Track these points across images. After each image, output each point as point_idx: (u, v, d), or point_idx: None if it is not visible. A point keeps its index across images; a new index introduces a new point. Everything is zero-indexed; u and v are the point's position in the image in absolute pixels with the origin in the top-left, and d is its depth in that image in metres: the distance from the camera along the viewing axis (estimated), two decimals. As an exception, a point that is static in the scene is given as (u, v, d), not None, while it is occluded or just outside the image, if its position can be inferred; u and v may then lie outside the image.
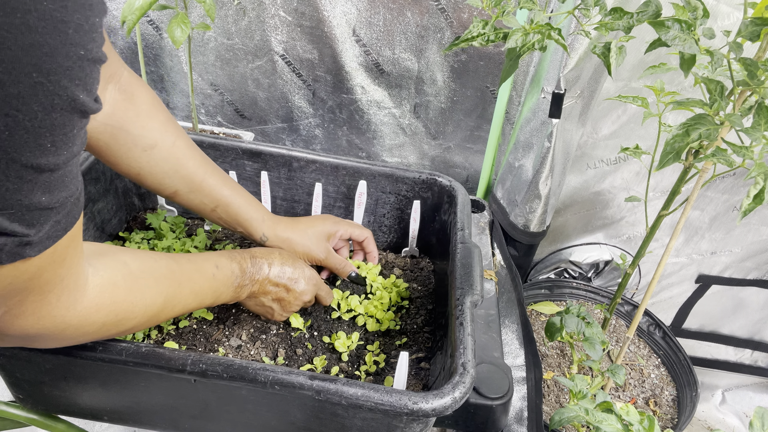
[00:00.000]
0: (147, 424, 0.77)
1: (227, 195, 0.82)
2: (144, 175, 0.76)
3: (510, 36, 0.69)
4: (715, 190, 1.42)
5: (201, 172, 0.80)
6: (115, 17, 1.47)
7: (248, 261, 0.75)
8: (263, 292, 0.78)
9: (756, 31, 0.67)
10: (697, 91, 1.20)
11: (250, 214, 0.84)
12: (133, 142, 0.73)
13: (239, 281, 0.73)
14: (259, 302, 0.79)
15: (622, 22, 0.70)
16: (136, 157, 0.74)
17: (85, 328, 0.54)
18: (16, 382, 0.73)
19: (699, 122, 0.72)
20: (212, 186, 0.81)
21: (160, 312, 0.62)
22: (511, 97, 1.40)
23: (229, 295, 0.73)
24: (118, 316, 0.56)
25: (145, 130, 0.74)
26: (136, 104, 0.73)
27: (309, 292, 0.82)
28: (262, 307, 0.80)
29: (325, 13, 1.37)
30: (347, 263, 0.93)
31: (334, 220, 0.93)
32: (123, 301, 0.56)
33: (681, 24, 0.67)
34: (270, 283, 0.78)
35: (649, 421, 0.72)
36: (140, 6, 0.99)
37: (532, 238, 1.42)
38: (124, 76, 0.72)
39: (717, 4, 1.12)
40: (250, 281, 0.75)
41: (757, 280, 1.57)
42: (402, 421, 0.64)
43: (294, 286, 0.80)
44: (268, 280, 0.77)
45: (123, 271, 0.57)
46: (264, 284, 0.77)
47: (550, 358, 1.27)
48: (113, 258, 0.57)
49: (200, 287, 0.68)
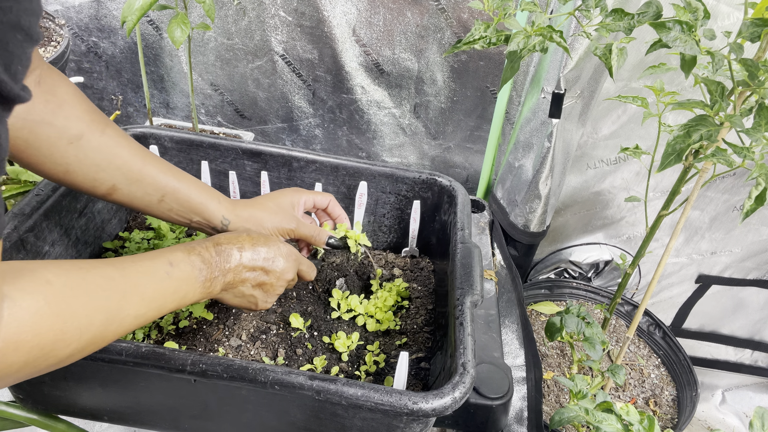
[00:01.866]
0: (147, 424, 0.77)
1: (174, 182, 0.74)
2: (73, 172, 0.67)
3: (512, 39, 0.69)
4: (715, 190, 1.42)
5: (138, 160, 0.72)
6: (115, 17, 1.47)
7: (212, 250, 0.66)
8: (240, 280, 0.69)
9: (756, 31, 0.67)
10: (697, 91, 1.20)
11: (203, 198, 0.76)
12: (57, 135, 0.65)
13: (206, 275, 0.64)
14: (239, 293, 0.71)
15: (622, 24, 0.70)
16: (62, 152, 0.66)
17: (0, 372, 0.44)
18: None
19: (700, 123, 0.72)
20: (154, 174, 0.73)
21: (104, 332, 0.52)
22: (511, 97, 1.40)
23: (197, 293, 0.64)
24: (45, 349, 0.46)
25: (70, 120, 0.66)
26: (57, 95, 0.66)
27: (290, 269, 0.74)
28: (242, 297, 0.72)
29: (325, 13, 1.37)
30: (321, 230, 0.85)
31: (293, 190, 0.85)
32: (49, 330, 0.46)
33: (682, 25, 0.67)
34: (245, 269, 0.69)
35: (649, 421, 0.72)
36: (140, 6, 0.99)
37: (532, 238, 1.42)
38: (41, 68, 0.65)
39: (717, 5, 1.12)
40: (221, 272, 0.66)
41: (757, 280, 1.57)
42: (402, 421, 0.64)
43: (273, 266, 0.71)
44: (242, 266, 0.68)
45: (46, 293, 0.46)
46: (239, 272, 0.68)
47: (550, 358, 1.27)
48: (32, 278, 0.46)
49: (153, 292, 0.58)
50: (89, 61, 1.56)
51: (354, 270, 0.99)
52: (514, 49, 0.69)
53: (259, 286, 0.72)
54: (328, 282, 0.96)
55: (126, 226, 1.01)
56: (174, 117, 1.65)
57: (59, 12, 1.47)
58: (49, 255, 0.81)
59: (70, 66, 1.56)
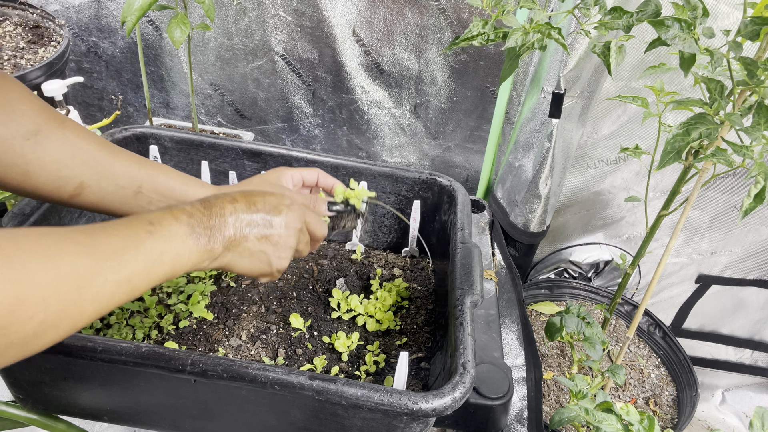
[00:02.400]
0: (147, 424, 0.77)
1: (149, 170, 0.67)
2: (33, 173, 0.60)
3: (510, 35, 0.69)
4: (715, 190, 1.42)
5: (107, 152, 0.65)
6: (115, 17, 1.47)
7: (198, 206, 0.58)
8: (242, 236, 0.60)
9: (756, 30, 0.67)
10: (697, 91, 1.20)
11: (184, 184, 0.69)
12: (11, 134, 0.59)
13: (198, 232, 0.56)
14: (245, 251, 0.61)
15: (621, 22, 0.70)
16: (18, 150, 0.59)
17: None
18: (16, 382, 0.73)
19: (699, 122, 0.72)
20: (127, 164, 0.66)
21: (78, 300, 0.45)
22: (511, 97, 1.40)
23: (193, 253, 0.55)
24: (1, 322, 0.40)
25: (24, 116, 0.60)
26: (6, 97, 0.60)
27: (296, 217, 0.65)
28: (252, 257, 0.62)
29: (325, 13, 1.37)
30: (317, 197, 0.78)
31: (278, 168, 0.78)
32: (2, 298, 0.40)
33: (681, 23, 0.67)
34: (244, 220, 0.60)
35: (649, 421, 0.72)
36: (140, 6, 0.99)
37: (532, 238, 1.42)
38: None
39: (717, 4, 1.12)
40: (217, 227, 0.58)
41: (757, 280, 1.57)
42: (402, 421, 0.64)
43: (275, 213, 0.62)
44: (239, 218, 0.60)
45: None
46: (238, 225, 0.60)
47: (550, 358, 1.27)
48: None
49: (135, 254, 0.50)
50: (89, 61, 1.57)
51: (354, 270, 0.99)
52: (513, 46, 0.69)
53: (266, 239, 0.62)
54: (328, 282, 0.96)
55: (126, 226, 1.01)
56: (174, 117, 1.65)
57: (59, 12, 1.47)
58: (49, 255, 0.80)
59: (70, 66, 1.56)
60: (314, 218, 0.70)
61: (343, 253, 1.02)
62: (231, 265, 0.61)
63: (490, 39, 0.71)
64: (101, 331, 0.82)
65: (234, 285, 0.93)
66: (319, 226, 0.71)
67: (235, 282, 0.94)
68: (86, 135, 0.64)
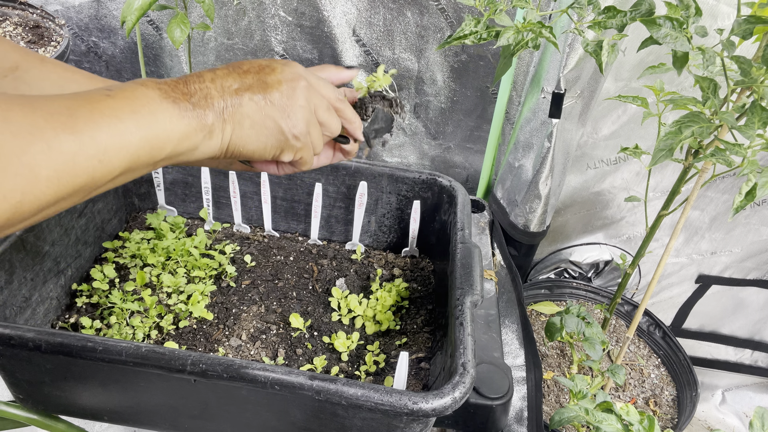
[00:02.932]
0: (147, 424, 0.77)
1: None
2: None
3: (502, 34, 0.69)
4: (715, 190, 1.42)
5: (97, 81, 0.60)
6: (115, 17, 1.47)
7: (170, 81, 0.49)
8: (236, 102, 0.51)
9: (749, 28, 0.67)
10: (697, 91, 1.20)
11: None
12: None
13: (177, 93, 0.47)
14: (246, 118, 0.51)
15: (615, 21, 0.70)
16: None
17: None
18: (16, 382, 0.73)
19: (692, 120, 0.72)
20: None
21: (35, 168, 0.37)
22: (511, 97, 1.40)
23: (180, 119, 0.47)
24: None
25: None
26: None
27: (296, 73, 0.55)
28: (256, 126, 0.52)
29: (325, 13, 1.37)
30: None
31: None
32: None
33: (673, 22, 0.67)
34: (232, 87, 0.51)
35: (649, 421, 0.72)
36: (140, 6, 0.99)
37: (532, 238, 1.42)
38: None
39: (717, 4, 1.12)
40: (201, 92, 0.49)
41: (757, 280, 1.57)
42: (402, 421, 0.64)
43: (269, 72, 0.54)
44: (224, 86, 0.51)
45: None
46: (226, 91, 0.50)
47: (550, 358, 1.27)
48: None
49: (97, 116, 0.42)
50: (89, 61, 1.56)
51: (354, 270, 0.99)
52: (505, 44, 0.69)
53: (266, 101, 0.52)
54: (328, 282, 0.96)
55: (126, 226, 1.01)
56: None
57: (59, 12, 1.47)
58: (49, 255, 0.81)
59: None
60: (325, 83, 0.58)
61: (343, 253, 1.02)
62: (238, 142, 0.52)
63: (483, 38, 0.71)
64: (101, 331, 0.83)
65: (234, 285, 0.93)
66: (329, 86, 0.59)
67: (235, 282, 0.94)
68: (69, 68, 0.60)
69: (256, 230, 1.05)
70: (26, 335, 0.63)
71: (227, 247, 0.98)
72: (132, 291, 0.88)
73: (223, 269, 0.94)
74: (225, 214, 1.04)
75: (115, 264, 0.92)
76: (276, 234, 1.04)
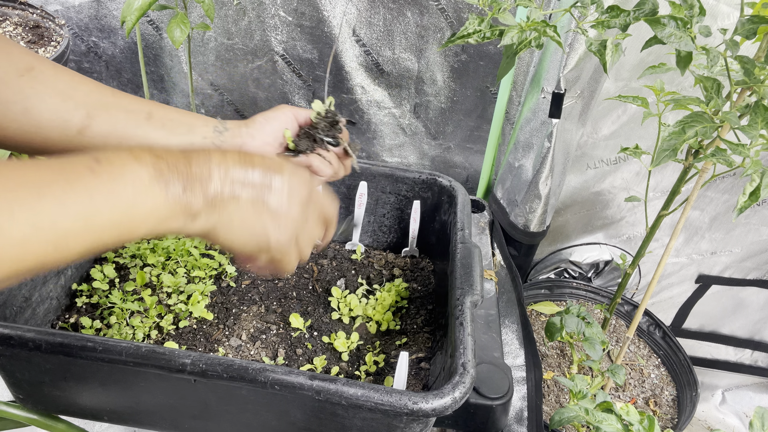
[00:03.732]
0: (147, 424, 0.77)
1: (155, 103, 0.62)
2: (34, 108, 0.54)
3: (506, 33, 0.69)
4: (715, 190, 1.42)
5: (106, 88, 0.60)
6: (115, 17, 1.47)
7: (174, 151, 0.47)
8: (232, 196, 0.49)
9: (753, 28, 0.67)
10: (697, 91, 1.20)
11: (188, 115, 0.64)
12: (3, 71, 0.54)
13: (173, 175, 0.45)
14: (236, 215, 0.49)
15: (618, 20, 0.70)
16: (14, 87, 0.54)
17: None
18: (16, 382, 0.73)
19: (695, 120, 0.72)
20: (129, 96, 0.61)
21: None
22: (511, 97, 1.40)
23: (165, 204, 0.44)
24: None
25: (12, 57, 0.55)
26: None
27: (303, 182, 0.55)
28: (245, 228, 0.50)
29: (325, 13, 1.37)
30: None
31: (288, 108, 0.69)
32: None
33: (677, 21, 0.67)
34: (236, 179, 0.49)
35: (649, 421, 0.72)
36: (140, 6, 0.99)
37: (532, 238, 1.42)
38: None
39: (717, 4, 1.12)
40: (200, 176, 0.46)
41: (757, 280, 1.57)
42: (402, 421, 0.64)
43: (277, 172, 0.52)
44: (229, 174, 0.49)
45: None
46: (228, 181, 0.48)
47: (550, 358, 1.27)
48: None
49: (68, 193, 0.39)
50: (89, 61, 1.56)
51: (354, 270, 0.99)
52: (509, 43, 0.69)
53: (263, 205, 0.51)
54: (328, 282, 0.96)
55: (126, 226, 1.01)
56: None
57: (59, 12, 1.47)
58: (49, 255, 0.80)
59: (71, 66, 1.56)
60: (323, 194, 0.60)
61: (343, 253, 1.02)
62: (217, 232, 0.49)
63: (486, 37, 0.71)
64: (101, 331, 0.83)
65: (234, 285, 0.93)
66: (328, 200, 0.60)
67: (235, 282, 0.94)
68: (80, 75, 0.60)
69: (256, 230, 1.05)
70: (26, 335, 0.63)
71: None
72: (132, 291, 0.88)
73: (223, 269, 0.94)
74: (225, 214, 1.04)
75: (115, 264, 0.92)
76: (276, 234, 1.04)
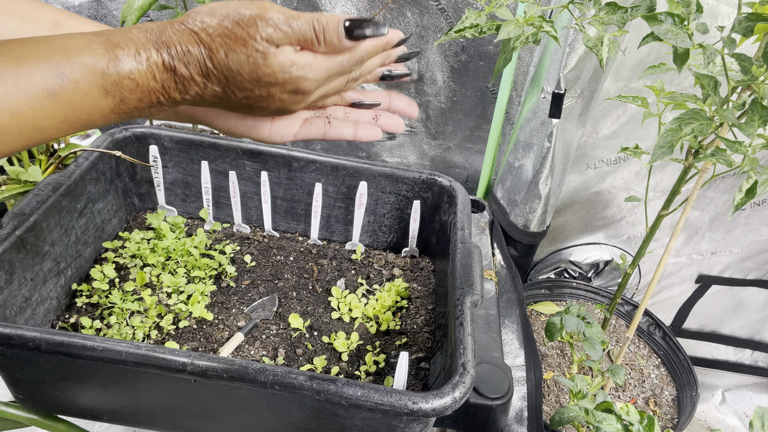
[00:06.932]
0: (147, 424, 0.77)
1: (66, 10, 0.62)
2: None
3: (502, 27, 0.69)
4: (715, 190, 1.42)
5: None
6: (115, 17, 1.47)
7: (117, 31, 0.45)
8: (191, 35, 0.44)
9: (750, 26, 0.67)
10: (697, 90, 1.20)
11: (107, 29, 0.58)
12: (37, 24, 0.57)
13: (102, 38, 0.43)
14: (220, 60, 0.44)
15: (616, 17, 0.70)
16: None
17: None
18: (16, 382, 0.73)
19: (692, 117, 0.72)
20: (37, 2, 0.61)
21: None
22: (511, 97, 1.40)
23: (96, 55, 0.42)
24: None
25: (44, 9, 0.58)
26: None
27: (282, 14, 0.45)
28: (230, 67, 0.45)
29: (325, 13, 1.37)
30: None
31: None
32: None
33: (674, 18, 0.67)
34: (195, 30, 0.44)
35: (649, 421, 0.72)
36: (140, 6, 0.99)
37: (532, 238, 1.42)
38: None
39: (717, 4, 1.12)
40: (140, 31, 0.44)
41: (757, 280, 1.57)
42: (402, 421, 0.64)
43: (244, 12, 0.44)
44: (191, 24, 0.44)
45: None
46: (186, 32, 0.44)
47: (550, 358, 1.27)
48: None
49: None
50: (89, 61, 1.56)
51: (354, 270, 0.99)
52: (505, 38, 0.69)
53: (230, 42, 0.44)
54: (328, 282, 0.96)
55: (126, 226, 1.01)
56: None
57: (59, 12, 1.47)
58: (49, 255, 0.81)
59: (70, 66, 1.56)
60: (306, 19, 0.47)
61: (343, 253, 1.02)
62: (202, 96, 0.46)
63: (483, 31, 0.71)
64: (101, 331, 0.83)
65: (234, 285, 0.93)
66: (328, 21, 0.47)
67: (235, 282, 0.94)
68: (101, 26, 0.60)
69: (256, 230, 1.05)
70: (26, 335, 0.63)
71: (227, 247, 0.98)
72: (132, 291, 0.88)
73: (223, 269, 0.94)
74: (225, 214, 1.04)
75: (115, 264, 0.92)
76: (276, 234, 1.04)
